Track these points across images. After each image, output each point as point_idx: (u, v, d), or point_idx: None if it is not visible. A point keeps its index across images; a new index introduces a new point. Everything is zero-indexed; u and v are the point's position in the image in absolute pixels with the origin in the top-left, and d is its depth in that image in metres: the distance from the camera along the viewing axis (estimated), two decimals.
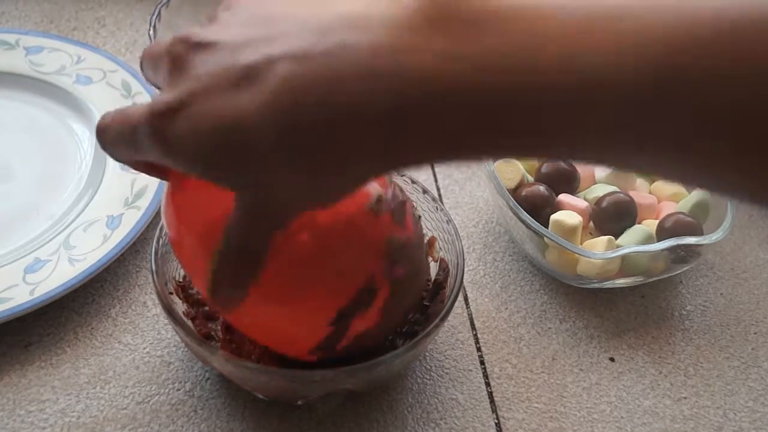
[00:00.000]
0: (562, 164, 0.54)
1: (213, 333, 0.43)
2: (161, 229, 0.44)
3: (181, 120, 0.28)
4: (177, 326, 0.39)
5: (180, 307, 0.43)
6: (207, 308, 0.44)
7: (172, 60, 0.29)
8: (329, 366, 0.38)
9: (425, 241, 0.48)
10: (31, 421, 0.43)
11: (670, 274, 0.52)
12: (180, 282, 0.45)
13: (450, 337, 0.49)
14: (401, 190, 0.40)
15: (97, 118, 0.57)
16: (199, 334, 0.42)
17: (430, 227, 0.48)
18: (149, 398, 0.44)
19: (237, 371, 0.39)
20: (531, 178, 0.54)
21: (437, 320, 0.41)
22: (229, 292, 0.33)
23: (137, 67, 0.62)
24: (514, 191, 0.52)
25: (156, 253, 0.42)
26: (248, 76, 0.27)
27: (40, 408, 0.43)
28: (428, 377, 0.47)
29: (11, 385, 0.44)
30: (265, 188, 0.28)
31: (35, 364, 0.45)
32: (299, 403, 0.43)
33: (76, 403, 0.44)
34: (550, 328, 0.50)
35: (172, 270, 0.45)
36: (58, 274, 0.47)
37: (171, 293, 0.43)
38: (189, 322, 0.43)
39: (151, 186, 0.52)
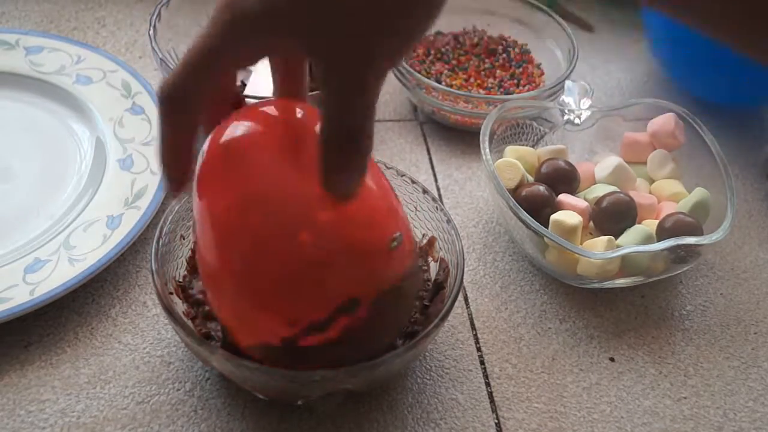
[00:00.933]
0: (562, 164, 0.54)
1: (213, 333, 0.43)
2: (161, 229, 0.44)
3: None
4: (177, 326, 0.39)
5: (180, 307, 0.44)
6: (207, 308, 0.44)
7: None
8: (329, 366, 0.38)
9: (423, 244, 0.49)
10: (31, 421, 0.43)
11: (670, 274, 0.52)
12: (180, 282, 0.45)
13: (450, 337, 0.49)
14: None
15: (97, 118, 0.57)
16: (199, 334, 0.42)
17: (430, 227, 0.48)
18: (149, 398, 0.44)
19: (237, 371, 0.39)
20: (531, 178, 0.54)
21: (437, 320, 0.41)
22: (346, 177, 0.34)
23: (137, 67, 0.62)
24: (514, 191, 0.52)
25: (156, 253, 0.42)
26: None
27: (40, 408, 0.43)
28: (428, 377, 0.47)
29: (11, 385, 0.44)
30: (352, 41, 0.30)
31: (35, 364, 0.45)
32: (299, 403, 0.43)
33: (76, 403, 0.44)
34: (550, 328, 0.50)
35: (173, 270, 0.45)
36: (58, 274, 0.47)
37: (171, 293, 0.43)
38: (189, 322, 0.43)
39: (151, 186, 0.52)
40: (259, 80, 0.57)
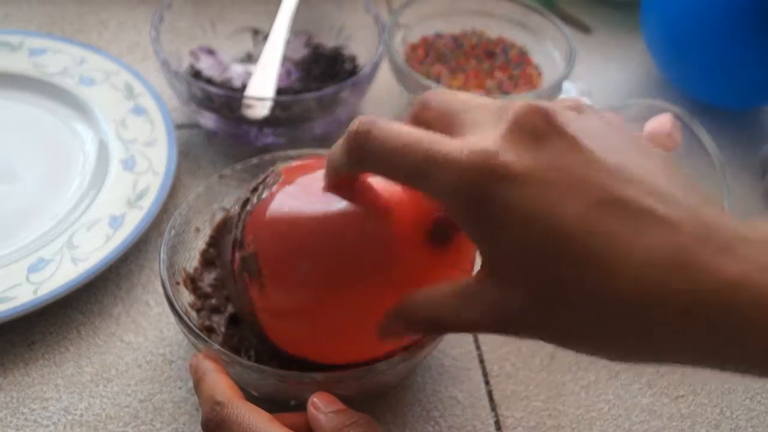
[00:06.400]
0: None
1: (215, 326, 0.43)
2: (175, 219, 0.44)
3: (518, 185, 0.27)
4: (175, 315, 0.40)
5: (186, 298, 0.44)
6: (214, 301, 0.45)
7: (531, 127, 0.28)
8: (322, 369, 0.38)
9: None
10: (35, 419, 0.43)
11: None
12: (190, 273, 0.46)
13: (449, 336, 0.49)
14: None
15: (100, 119, 0.58)
16: (202, 326, 0.43)
17: None
18: (152, 396, 0.45)
19: (229, 366, 0.40)
20: None
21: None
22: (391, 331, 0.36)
23: (139, 69, 0.63)
24: None
25: (167, 244, 0.43)
26: (610, 204, 0.27)
27: (43, 406, 0.44)
28: (428, 376, 0.47)
29: (15, 383, 0.45)
30: (530, 303, 0.28)
31: (38, 363, 0.46)
32: (292, 403, 0.43)
33: (79, 401, 0.44)
34: None
35: (183, 261, 0.45)
36: (62, 274, 0.47)
37: (178, 283, 0.44)
38: (193, 313, 0.43)
39: (153, 186, 0.53)
40: (260, 81, 0.58)
